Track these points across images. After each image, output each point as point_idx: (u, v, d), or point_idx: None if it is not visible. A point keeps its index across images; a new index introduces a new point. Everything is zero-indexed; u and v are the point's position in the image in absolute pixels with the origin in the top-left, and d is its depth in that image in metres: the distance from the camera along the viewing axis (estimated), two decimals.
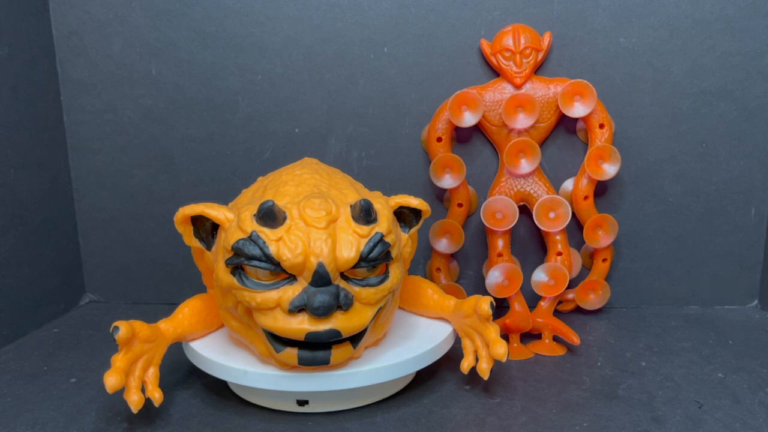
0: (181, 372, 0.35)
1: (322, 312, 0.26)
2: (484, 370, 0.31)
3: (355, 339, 0.28)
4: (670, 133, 0.44)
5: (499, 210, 0.41)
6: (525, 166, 0.42)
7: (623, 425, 0.28)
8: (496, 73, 0.43)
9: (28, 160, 0.43)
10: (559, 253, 0.42)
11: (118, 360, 0.28)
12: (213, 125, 0.45)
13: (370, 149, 0.45)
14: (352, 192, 0.31)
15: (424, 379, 0.34)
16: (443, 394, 0.32)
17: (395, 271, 0.29)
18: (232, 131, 0.45)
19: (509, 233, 0.43)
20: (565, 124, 0.44)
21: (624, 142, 0.44)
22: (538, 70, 0.43)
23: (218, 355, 0.31)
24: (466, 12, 0.43)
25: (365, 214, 0.28)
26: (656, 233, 0.45)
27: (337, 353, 0.28)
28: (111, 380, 0.27)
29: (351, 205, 0.28)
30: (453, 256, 0.45)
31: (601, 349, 0.38)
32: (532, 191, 0.43)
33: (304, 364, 0.28)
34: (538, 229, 0.45)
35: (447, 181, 0.42)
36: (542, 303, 0.42)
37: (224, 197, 0.33)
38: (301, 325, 0.27)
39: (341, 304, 0.27)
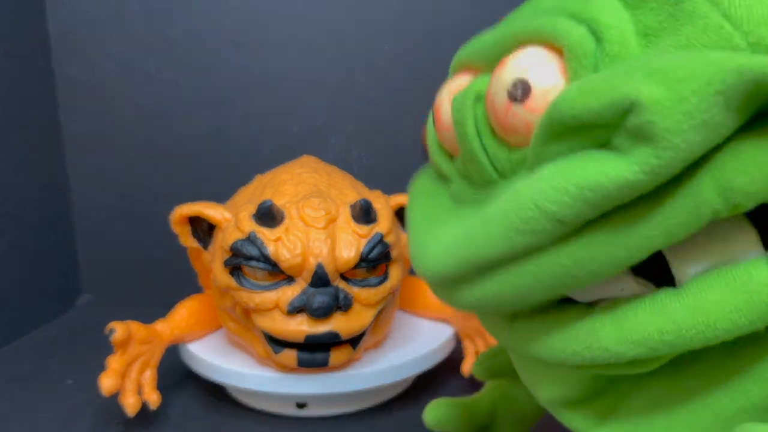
0: (178, 374, 0.34)
1: (321, 313, 0.26)
2: None
3: (355, 341, 0.28)
4: None
5: None
6: None
7: None
8: None
9: (24, 159, 0.42)
10: None
11: (114, 362, 0.27)
12: (211, 124, 0.45)
13: (370, 149, 0.45)
14: (351, 191, 0.30)
15: (425, 381, 0.33)
16: (444, 397, 0.32)
17: (395, 272, 0.29)
18: (231, 130, 0.45)
19: None
20: None
21: None
22: None
23: (217, 357, 0.30)
24: (467, 9, 0.42)
25: (365, 214, 0.27)
26: None
27: (336, 355, 0.28)
28: (107, 382, 0.27)
29: (351, 205, 0.28)
30: None
31: None
32: None
33: (304, 365, 0.27)
34: None
35: None
36: None
37: (223, 196, 0.33)
38: (300, 326, 0.26)
39: (341, 305, 0.27)
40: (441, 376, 0.34)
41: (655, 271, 0.12)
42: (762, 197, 0.11)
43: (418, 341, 0.32)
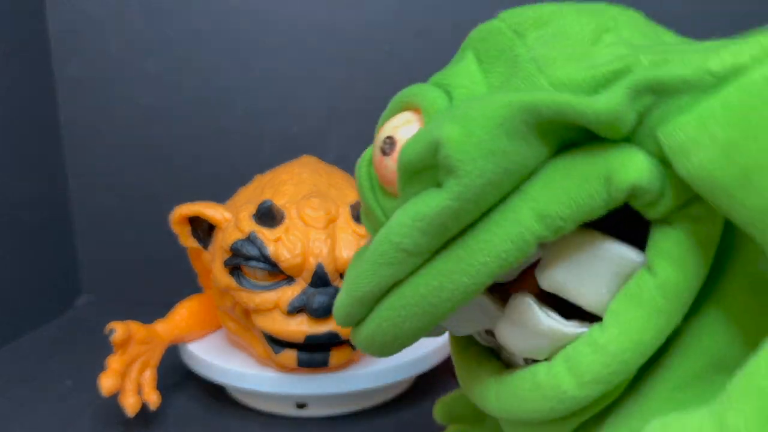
0: (178, 374, 0.34)
1: (321, 313, 0.26)
2: None
3: None
4: None
5: None
6: None
7: None
8: None
9: (23, 159, 0.42)
10: None
11: (114, 362, 0.27)
12: (211, 124, 0.45)
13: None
14: (351, 191, 0.30)
15: (425, 382, 0.33)
16: None
17: None
18: (231, 130, 0.45)
19: None
20: None
21: None
22: None
23: (217, 357, 0.30)
24: (468, 7, 0.42)
25: None
26: None
27: (336, 355, 0.27)
28: (107, 382, 0.26)
29: (351, 205, 0.28)
30: None
31: None
32: None
33: (304, 365, 0.27)
34: None
35: None
36: None
37: (223, 196, 0.33)
38: (300, 326, 0.26)
39: None
40: (441, 377, 0.34)
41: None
42: (579, 218, 0.12)
43: (418, 342, 0.32)
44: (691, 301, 0.13)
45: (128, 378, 0.28)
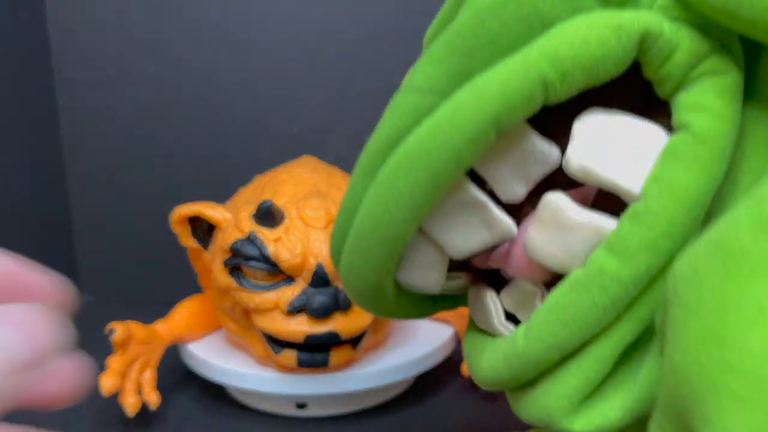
0: (178, 374, 0.34)
1: (321, 313, 0.26)
2: None
3: (355, 341, 0.28)
4: None
5: None
6: None
7: None
8: None
9: (23, 160, 0.42)
10: None
11: (114, 362, 0.27)
12: (211, 124, 0.45)
13: None
14: None
15: (425, 382, 0.33)
16: (444, 398, 0.32)
17: None
18: (230, 130, 0.45)
19: None
20: None
21: None
22: None
23: (217, 357, 0.30)
24: None
25: None
26: None
27: (336, 355, 0.27)
28: (107, 382, 0.26)
29: None
30: None
31: None
32: None
33: (304, 366, 0.27)
34: None
35: None
36: None
37: (223, 196, 0.33)
38: (300, 326, 0.26)
39: (341, 305, 0.27)
40: (441, 376, 0.34)
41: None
42: (588, 65, 0.12)
43: (418, 341, 0.32)
44: (730, 151, 0.12)
45: (128, 378, 0.28)
